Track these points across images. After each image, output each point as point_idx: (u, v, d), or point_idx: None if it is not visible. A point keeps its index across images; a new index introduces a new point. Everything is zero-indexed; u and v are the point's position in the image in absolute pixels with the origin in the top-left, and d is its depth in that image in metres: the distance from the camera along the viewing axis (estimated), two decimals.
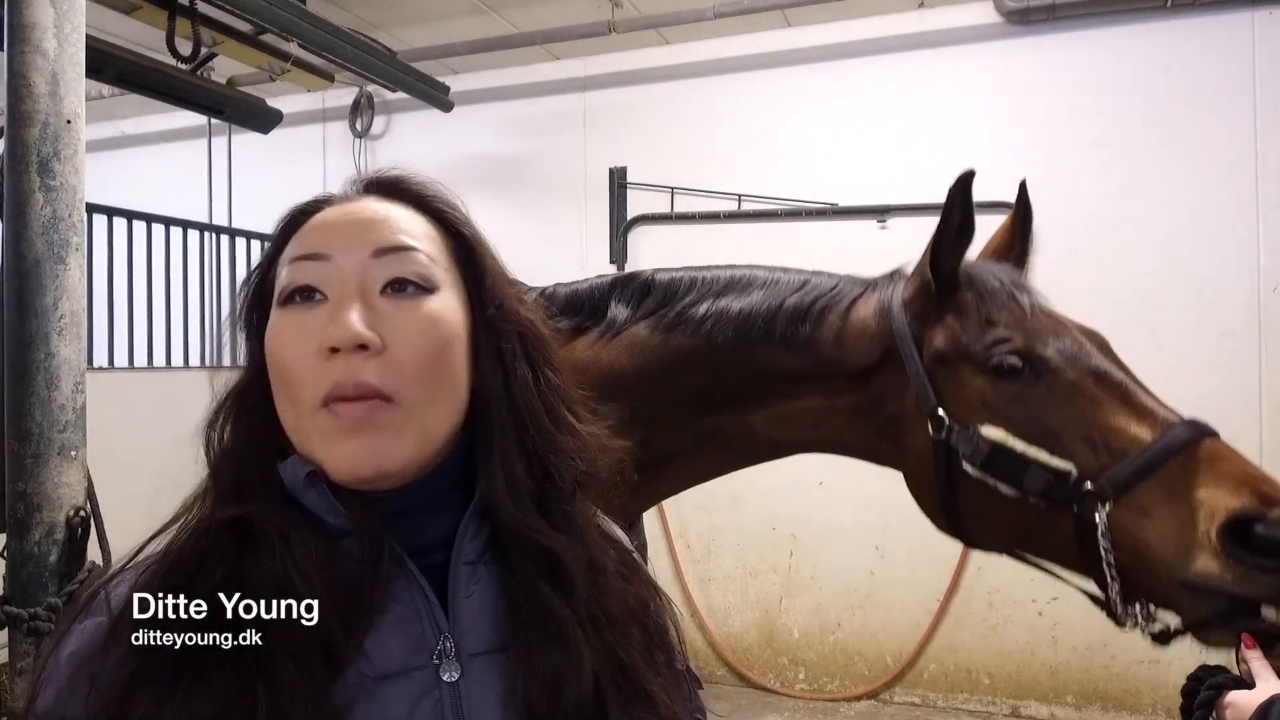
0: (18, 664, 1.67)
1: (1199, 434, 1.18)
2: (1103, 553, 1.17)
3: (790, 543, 4.19)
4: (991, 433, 1.27)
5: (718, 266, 1.62)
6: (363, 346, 0.66)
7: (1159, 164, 3.66)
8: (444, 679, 0.66)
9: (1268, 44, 3.54)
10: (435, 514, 0.72)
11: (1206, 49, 3.61)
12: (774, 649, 4.22)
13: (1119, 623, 1.23)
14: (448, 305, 0.72)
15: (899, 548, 3.96)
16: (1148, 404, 1.24)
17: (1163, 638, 1.20)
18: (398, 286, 0.69)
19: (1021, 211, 1.55)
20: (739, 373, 1.51)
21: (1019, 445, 1.25)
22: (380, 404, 0.66)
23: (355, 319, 0.66)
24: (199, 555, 0.66)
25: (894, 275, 1.51)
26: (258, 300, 0.75)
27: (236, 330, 0.75)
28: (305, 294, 0.69)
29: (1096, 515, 1.17)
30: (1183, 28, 3.64)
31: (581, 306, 1.64)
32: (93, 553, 1.74)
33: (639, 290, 1.62)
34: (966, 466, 1.29)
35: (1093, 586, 1.27)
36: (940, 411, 1.32)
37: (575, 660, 0.68)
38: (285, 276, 0.70)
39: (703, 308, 1.54)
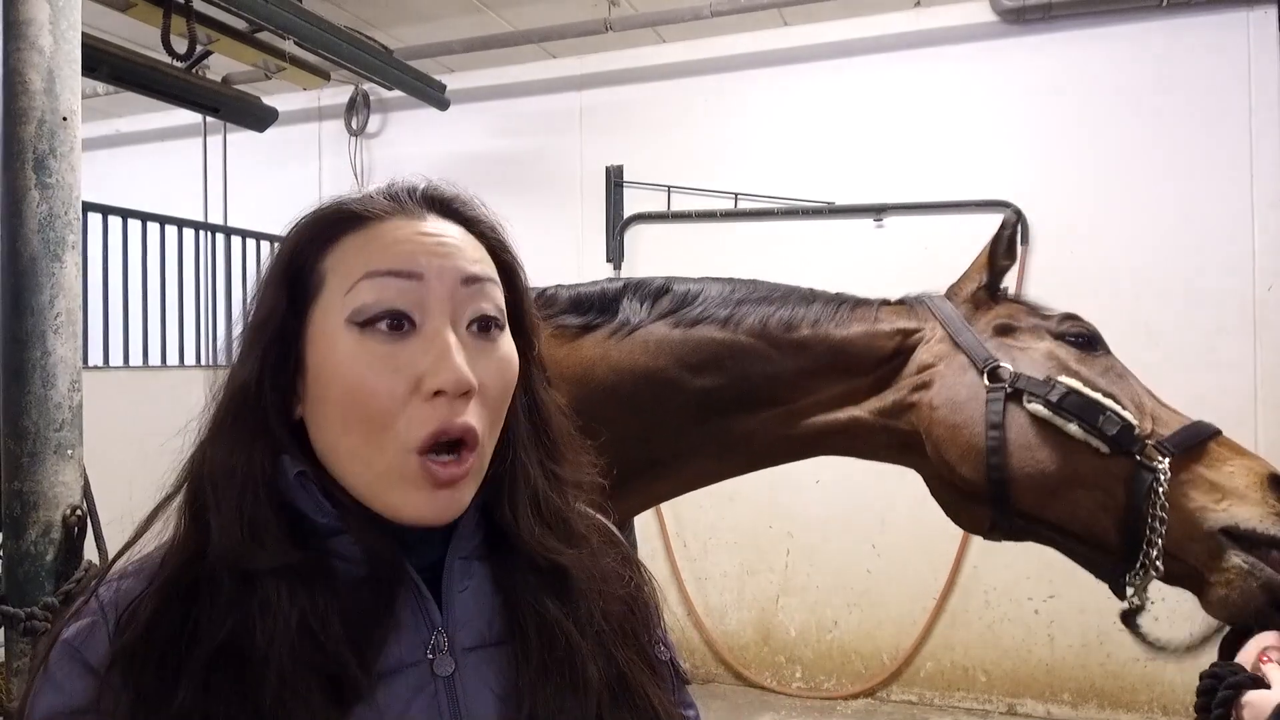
0: (14, 664, 1.67)
1: (1217, 430, 1.33)
2: (1154, 503, 1.25)
3: (787, 541, 4.19)
4: (1067, 379, 1.36)
5: (739, 279, 1.66)
6: (466, 391, 0.64)
7: (1154, 163, 3.67)
8: (439, 674, 0.66)
9: (1262, 43, 3.55)
10: (443, 531, 0.71)
11: (1201, 48, 3.62)
12: (770, 647, 4.22)
13: (1122, 590, 1.30)
14: (511, 343, 0.71)
15: (895, 546, 3.96)
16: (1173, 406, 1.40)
17: (1149, 641, 1.30)
18: (482, 323, 0.67)
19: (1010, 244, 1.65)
20: (760, 364, 1.54)
21: (1093, 393, 1.34)
22: (470, 457, 0.66)
23: (462, 362, 0.64)
24: (194, 593, 0.62)
25: (920, 296, 1.62)
26: (292, 298, 0.68)
27: (261, 334, 0.67)
28: (394, 319, 0.64)
29: (1156, 463, 1.26)
30: (1177, 27, 3.65)
31: (590, 306, 1.65)
32: (89, 552, 1.73)
33: (655, 293, 1.64)
34: (1033, 405, 1.35)
35: (1100, 556, 1.34)
36: (1002, 365, 1.41)
37: (583, 677, 0.68)
38: (368, 292, 0.64)
39: (726, 310, 1.58)
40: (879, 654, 4.06)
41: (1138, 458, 1.28)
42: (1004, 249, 1.53)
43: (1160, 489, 1.25)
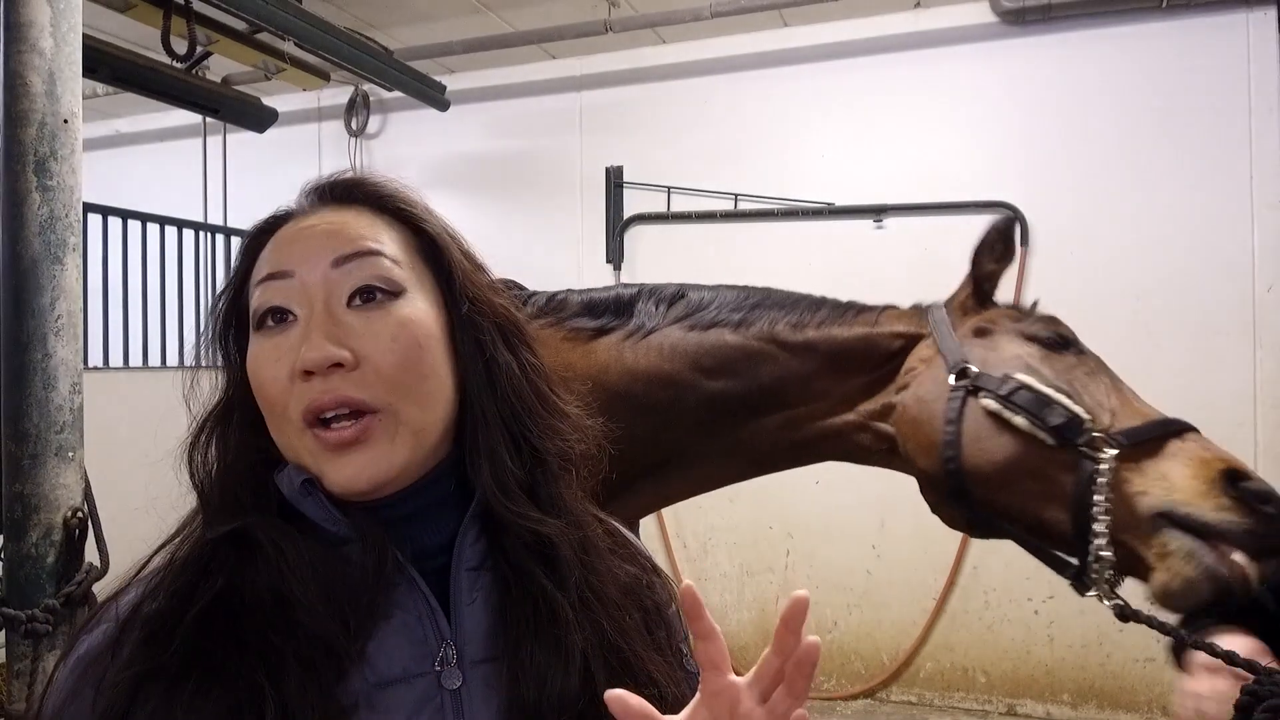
0: (15, 666, 1.66)
1: (1190, 427, 1.33)
2: (1096, 492, 1.26)
3: (787, 542, 4.20)
4: (1022, 375, 1.39)
5: (753, 287, 1.69)
6: (337, 365, 0.66)
7: (1153, 163, 3.68)
8: (446, 686, 0.66)
9: (1261, 45, 3.56)
10: (436, 517, 0.72)
11: (1201, 49, 3.62)
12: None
13: (1083, 586, 1.30)
14: (416, 306, 0.71)
15: (895, 547, 3.97)
16: (1149, 405, 1.39)
17: (1122, 613, 1.26)
18: (365, 295, 0.69)
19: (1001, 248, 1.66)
20: (768, 370, 1.57)
21: (1045, 388, 1.36)
22: (366, 419, 0.67)
23: (324, 340, 0.66)
24: (202, 564, 0.66)
25: (927, 305, 1.65)
26: (232, 320, 0.74)
27: (214, 352, 0.75)
28: (277, 315, 0.69)
29: (1101, 454, 1.28)
30: (1177, 28, 3.66)
31: (605, 310, 1.67)
32: (90, 554, 1.73)
33: (670, 298, 1.67)
34: (986, 401, 1.39)
35: (1056, 548, 1.36)
36: (969, 365, 1.44)
37: (565, 647, 0.68)
38: (255, 299, 0.70)
39: (739, 315, 1.61)
40: (879, 654, 4.06)
41: (1082, 449, 1.29)
42: (985, 254, 1.55)
43: (1100, 479, 1.26)
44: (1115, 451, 1.27)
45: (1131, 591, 1.30)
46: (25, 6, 1.66)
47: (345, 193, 0.75)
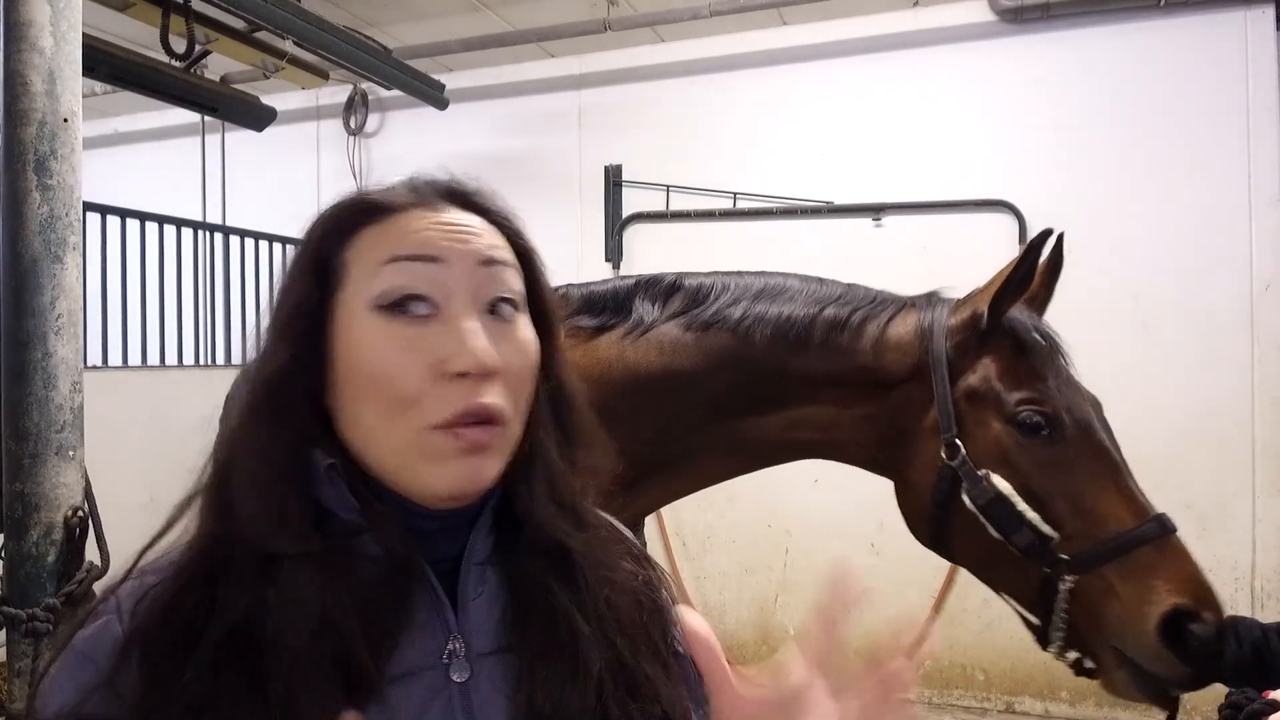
0: (16, 665, 1.67)
1: (1166, 530, 1.34)
2: (1057, 607, 1.34)
3: (785, 540, 4.20)
4: (999, 483, 1.39)
5: (749, 273, 1.67)
6: (490, 373, 0.65)
7: (1152, 162, 3.68)
8: (454, 679, 0.66)
9: (1259, 42, 3.56)
10: (460, 526, 0.71)
11: (1199, 47, 3.63)
12: (769, 646, 4.23)
13: (1044, 646, 1.42)
14: (529, 326, 0.72)
15: (894, 545, 3.96)
16: (1131, 488, 1.39)
17: (1078, 668, 1.40)
18: (501, 305, 0.69)
19: (1054, 261, 1.67)
20: (769, 374, 1.55)
21: (1018, 504, 1.37)
22: (493, 429, 0.66)
23: (486, 344, 0.65)
24: (212, 579, 0.63)
25: (931, 298, 1.58)
26: (316, 289, 0.69)
27: (281, 328, 0.69)
28: (414, 301, 0.66)
29: (1061, 582, 1.34)
30: (1176, 26, 3.66)
31: (604, 306, 1.66)
32: (90, 553, 1.73)
33: (666, 291, 1.65)
34: (965, 499, 1.41)
35: (1031, 615, 1.45)
36: (957, 441, 1.42)
37: (583, 663, 0.67)
38: (391, 277, 0.66)
39: (738, 310, 1.58)
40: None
41: (1046, 570, 1.36)
42: (1013, 291, 1.46)
43: (1062, 599, 1.34)
44: (1075, 578, 1.33)
45: None
46: (25, 5, 1.66)
47: (465, 200, 0.75)
